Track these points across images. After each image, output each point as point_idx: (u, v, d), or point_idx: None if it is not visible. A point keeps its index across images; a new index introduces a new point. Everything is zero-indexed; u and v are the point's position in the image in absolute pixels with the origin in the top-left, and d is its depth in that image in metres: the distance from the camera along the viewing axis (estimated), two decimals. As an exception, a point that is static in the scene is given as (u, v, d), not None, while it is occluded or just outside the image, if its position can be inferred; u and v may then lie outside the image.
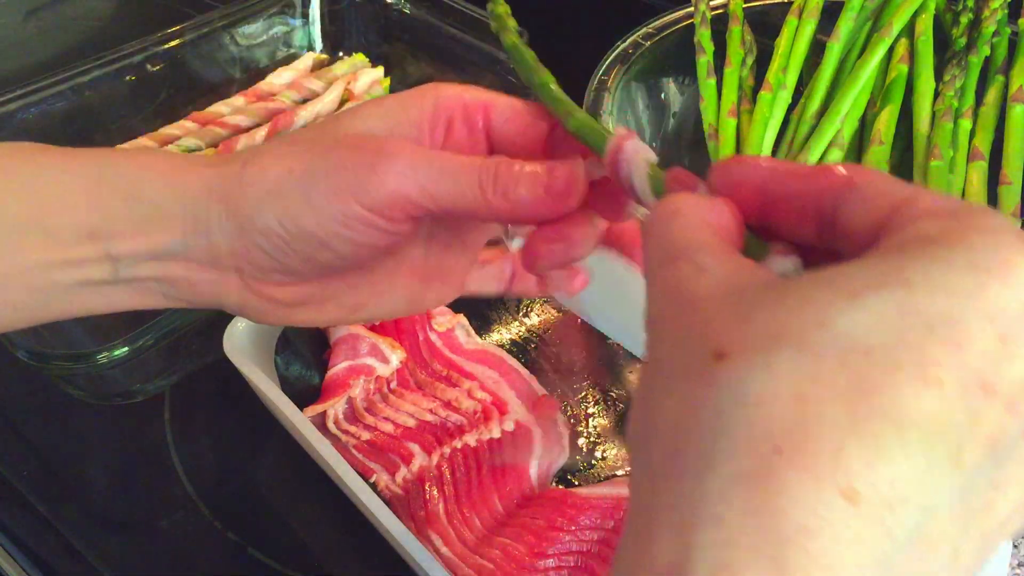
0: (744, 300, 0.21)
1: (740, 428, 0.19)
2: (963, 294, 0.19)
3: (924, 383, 0.19)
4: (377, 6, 0.87)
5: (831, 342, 0.19)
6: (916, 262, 0.20)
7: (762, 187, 0.26)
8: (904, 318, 0.19)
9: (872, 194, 0.23)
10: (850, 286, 0.20)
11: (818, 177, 0.24)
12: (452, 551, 0.50)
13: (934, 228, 0.21)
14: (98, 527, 0.57)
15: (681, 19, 0.73)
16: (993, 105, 0.65)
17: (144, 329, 0.55)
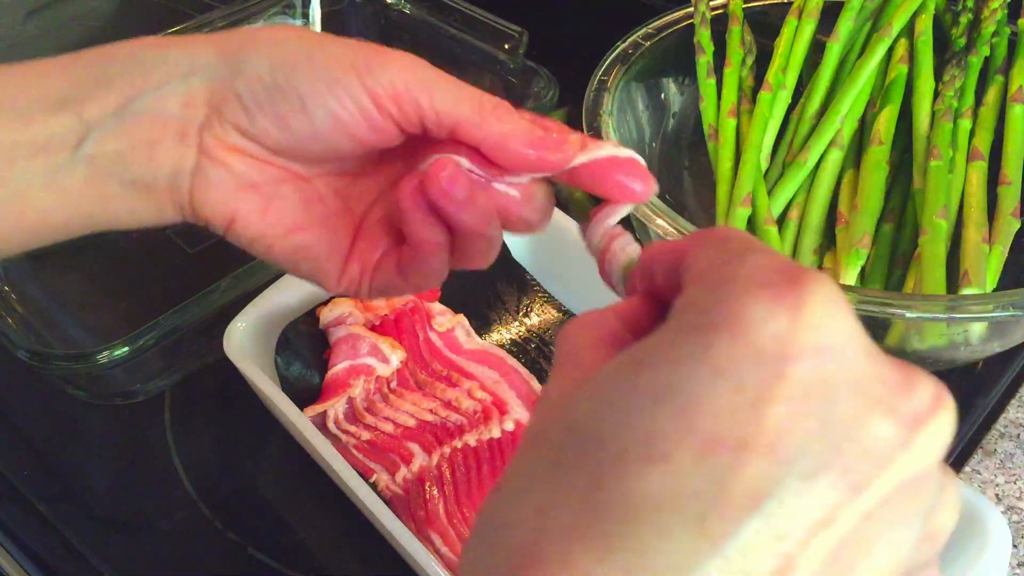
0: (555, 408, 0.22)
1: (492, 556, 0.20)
2: (687, 358, 0.19)
3: (649, 461, 0.18)
4: (377, 6, 0.88)
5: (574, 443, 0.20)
6: (651, 340, 0.20)
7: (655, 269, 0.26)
8: (631, 399, 0.19)
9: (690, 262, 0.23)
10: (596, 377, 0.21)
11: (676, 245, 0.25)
12: (452, 551, 0.50)
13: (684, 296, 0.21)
14: (98, 527, 0.57)
15: (681, 19, 0.73)
16: (993, 105, 0.65)
17: (144, 329, 0.55)
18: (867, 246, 0.59)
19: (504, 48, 0.79)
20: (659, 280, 0.25)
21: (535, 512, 0.19)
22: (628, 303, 0.26)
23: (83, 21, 1.00)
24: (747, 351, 0.18)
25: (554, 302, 0.66)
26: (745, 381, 0.18)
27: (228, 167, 0.33)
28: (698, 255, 0.22)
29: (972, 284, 0.55)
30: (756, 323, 0.19)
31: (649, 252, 0.27)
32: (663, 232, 0.55)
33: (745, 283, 0.19)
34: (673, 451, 0.18)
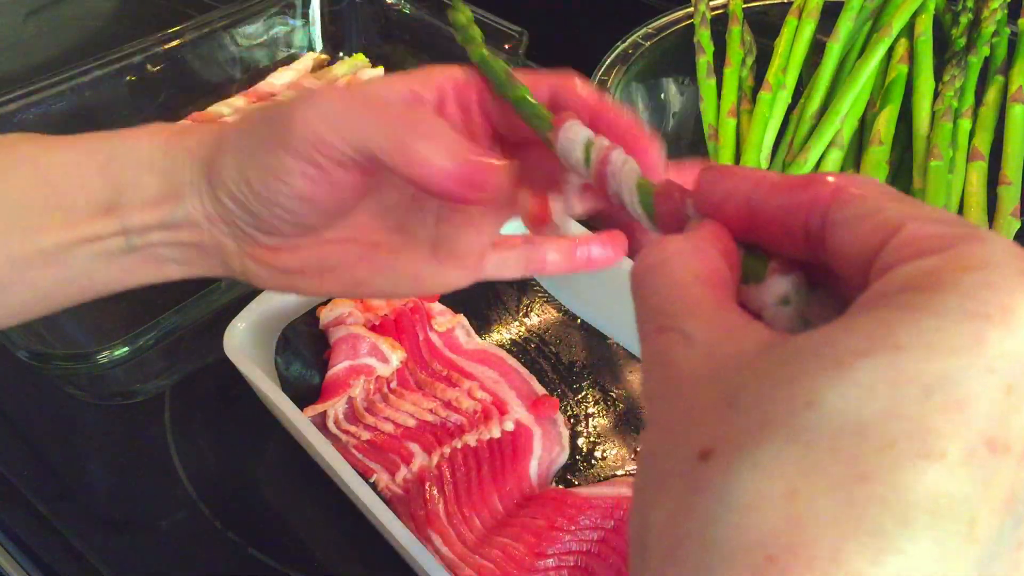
0: (730, 379, 0.20)
1: (731, 538, 0.18)
2: (960, 349, 0.18)
3: (925, 458, 0.17)
4: (377, 6, 0.87)
5: (822, 424, 0.18)
6: (905, 320, 0.18)
7: (748, 201, 0.24)
8: (897, 387, 0.18)
9: (858, 216, 0.21)
10: (837, 355, 0.18)
11: (802, 191, 0.23)
12: (452, 551, 0.50)
13: (923, 270, 0.19)
14: (98, 527, 0.57)
15: (681, 19, 0.73)
16: (993, 105, 0.66)
17: (144, 329, 0.55)
18: (867, 246, 0.59)
19: (504, 48, 0.79)
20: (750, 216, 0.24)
21: (785, 497, 0.17)
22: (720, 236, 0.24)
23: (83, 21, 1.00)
24: (1021, 349, 0.18)
25: (554, 302, 0.66)
26: (1014, 382, 0.18)
27: (269, 264, 0.36)
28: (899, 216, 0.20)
29: (972, 284, 0.55)
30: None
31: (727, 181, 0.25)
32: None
33: (1013, 271, 0.18)
34: (949, 448, 0.17)
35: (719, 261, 0.23)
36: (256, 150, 0.33)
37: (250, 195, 0.33)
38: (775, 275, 0.24)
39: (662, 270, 0.23)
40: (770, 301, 0.24)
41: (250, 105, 0.37)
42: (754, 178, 0.24)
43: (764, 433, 0.18)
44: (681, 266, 0.23)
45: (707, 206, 0.25)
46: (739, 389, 0.19)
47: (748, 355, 0.20)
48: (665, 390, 0.21)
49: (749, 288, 0.24)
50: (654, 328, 0.22)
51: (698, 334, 0.21)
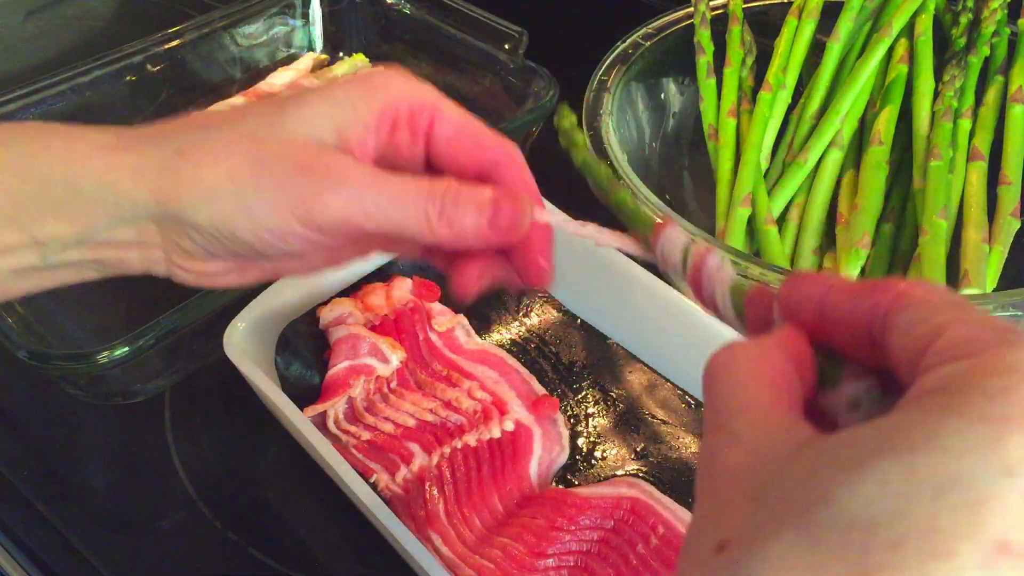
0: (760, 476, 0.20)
1: None
2: (975, 451, 0.18)
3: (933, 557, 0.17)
4: (377, 6, 0.88)
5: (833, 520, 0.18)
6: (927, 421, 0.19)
7: (820, 306, 0.25)
8: (909, 485, 0.18)
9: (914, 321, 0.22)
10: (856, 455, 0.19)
11: (867, 296, 0.23)
12: (452, 551, 0.50)
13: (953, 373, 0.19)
14: (98, 527, 0.57)
15: (681, 19, 0.73)
16: (993, 105, 0.66)
17: (144, 329, 0.55)
18: (867, 246, 0.59)
19: (504, 48, 0.79)
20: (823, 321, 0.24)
21: None
22: (791, 340, 0.25)
23: (83, 21, 1.00)
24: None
25: (554, 302, 0.66)
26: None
27: (199, 272, 0.35)
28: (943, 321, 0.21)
29: (972, 284, 0.55)
30: None
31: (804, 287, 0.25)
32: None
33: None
34: (959, 549, 0.17)
35: (785, 365, 0.24)
36: (257, 210, 0.32)
37: (231, 242, 0.32)
38: (848, 380, 0.24)
39: (727, 371, 0.24)
40: (842, 405, 0.24)
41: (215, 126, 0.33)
42: (828, 283, 0.25)
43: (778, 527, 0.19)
44: (745, 368, 0.24)
45: (787, 311, 0.26)
46: (764, 485, 0.20)
47: (783, 454, 0.21)
48: (706, 485, 0.22)
49: (826, 392, 0.25)
50: (710, 427, 0.23)
51: (744, 434, 0.22)
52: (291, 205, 0.31)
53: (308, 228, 0.32)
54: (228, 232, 0.32)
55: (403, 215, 0.32)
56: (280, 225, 0.32)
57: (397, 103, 0.34)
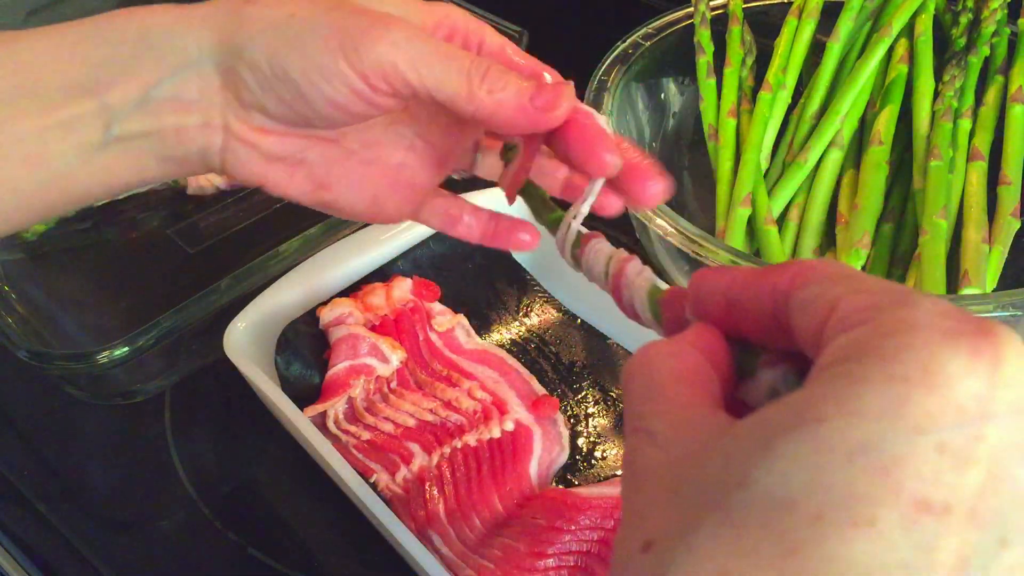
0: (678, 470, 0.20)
1: None
2: (882, 413, 0.18)
3: (853, 526, 0.17)
4: None
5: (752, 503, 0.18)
6: (829, 391, 0.18)
7: (726, 297, 0.25)
8: (821, 456, 0.18)
9: (810, 299, 0.21)
10: (767, 434, 0.19)
11: (764, 279, 0.23)
12: (452, 551, 0.50)
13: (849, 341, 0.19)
14: (98, 527, 0.57)
15: (681, 19, 0.73)
16: (993, 105, 0.66)
17: (144, 329, 0.55)
18: (867, 246, 0.59)
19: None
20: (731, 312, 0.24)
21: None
22: (703, 335, 0.25)
23: (83, 21, 1.00)
24: (947, 407, 0.17)
25: (554, 302, 0.66)
26: (946, 440, 0.17)
27: (254, 145, 0.35)
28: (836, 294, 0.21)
29: (972, 284, 0.55)
30: (955, 378, 0.18)
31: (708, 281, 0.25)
32: (663, 232, 0.55)
33: (934, 331, 0.18)
34: (879, 514, 0.17)
35: (698, 360, 0.24)
36: (310, 44, 0.32)
37: (280, 81, 0.33)
38: (764, 368, 0.24)
39: (642, 372, 0.24)
40: (760, 394, 0.24)
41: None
42: (730, 273, 0.25)
43: (699, 518, 0.18)
44: (659, 367, 0.23)
45: (699, 308, 0.26)
46: (683, 478, 0.20)
47: (699, 446, 0.21)
48: (628, 487, 0.22)
49: (745, 383, 0.25)
50: (630, 429, 0.23)
51: (661, 432, 0.22)
52: (340, 42, 0.32)
53: (355, 71, 0.32)
54: (281, 69, 0.33)
55: (446, 71, 0.32)
56: (329, 63, 0.32)
57: (455, 19, 0.37)
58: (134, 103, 0.34)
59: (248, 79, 0.33)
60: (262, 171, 0.36)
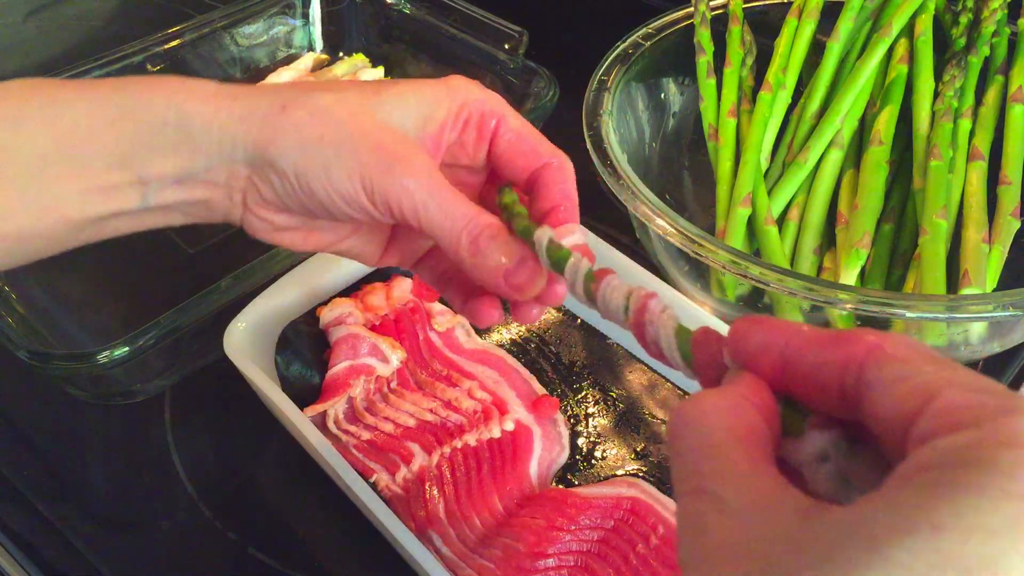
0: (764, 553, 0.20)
1: None
2: (1000, 531, 0.17)
3: None
4: (377, 6, 0.87)
5: None
6: (944, 498, 0.18)
7: (782, 355, 0.24)
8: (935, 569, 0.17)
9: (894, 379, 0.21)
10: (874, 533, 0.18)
11: (835, 348, 0.23)
12: (452, 551, 0.50)
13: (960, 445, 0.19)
14: (98, 527, 0.57)
15: (681, 19, 0.73)
16: (993, 105, 0.65)
17: (144, 329, 0.55)
18: (867, 246, 0.59)
19: (504, 48, 0.79)
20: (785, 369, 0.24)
21: None
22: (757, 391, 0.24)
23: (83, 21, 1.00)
24: None
25: (554, 302, 0.66)
26: None
27: (270, 221, 0.39)
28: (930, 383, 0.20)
29: (972, 284, 0.55)
30: None
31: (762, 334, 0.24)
32: (663, 232, 0.55)
33: None
34: None
35: (756, 418, 0.23)
36: (335, 172, 0.35)
37: (303, 192, 0.36)
38: (814, 431, 0.23)
39: (698, 427, 0.23)
40: (809, 458, 0.24)
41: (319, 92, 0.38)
42: (788, 331, 0.24)
43: None
44: (717, 423, 0.23)
45: (742, 357, 0.25)
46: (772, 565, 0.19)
47: (783, 527, 0.20)
48: (698, 558, 0.21)
49: (788, 442, 0.24)
50: (688, 488, 0.22)
51: (732, 500, 0.21)
52: (361, 175, 0.35)
53: (369, 200, 0.36)
54: (305, 184, 0.36)
55: (442, 226, 0.36)
56: (348, 188, 0.36)
57: (471, 106, 0.39)
58: (170, 180, 0.37)
59: (275, 182, 0.37)
60: (278, 238, 0.40)
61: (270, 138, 0.36)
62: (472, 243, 0.36)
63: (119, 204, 0.37)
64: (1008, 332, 0.57)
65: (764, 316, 0.25)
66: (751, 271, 0.53)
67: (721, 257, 0.54)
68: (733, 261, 0.53)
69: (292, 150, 0.36)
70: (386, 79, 0.38)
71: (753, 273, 0.53)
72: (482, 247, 0.36)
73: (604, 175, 0.59)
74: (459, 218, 0.36)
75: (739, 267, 0.53)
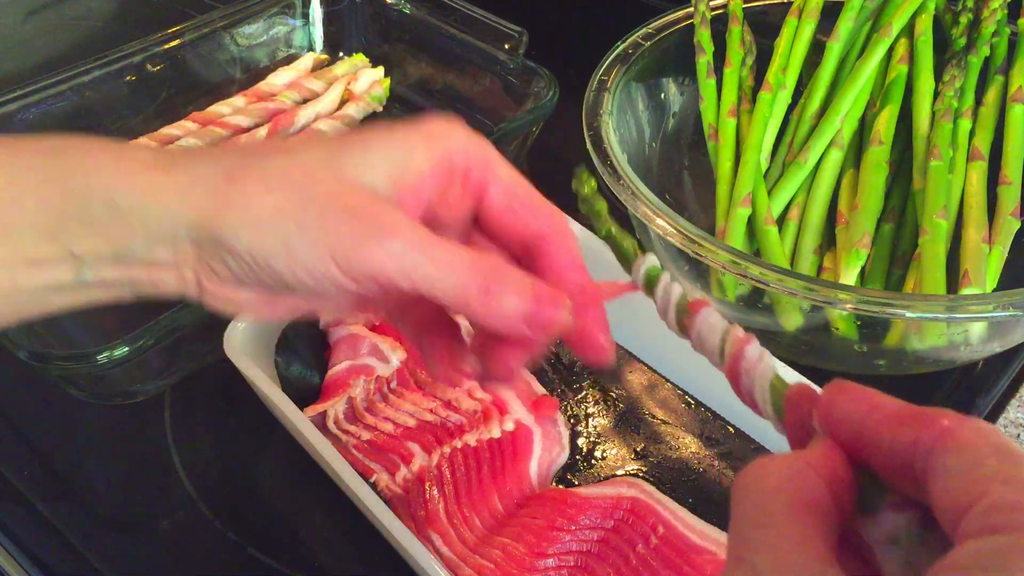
0: None
1: None
2: None
3: None
4: (377, 6, 0.88)
5: None
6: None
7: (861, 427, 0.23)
8: None
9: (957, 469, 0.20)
10: None
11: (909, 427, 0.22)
12: (452, 551, 0.50)
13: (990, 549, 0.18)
14: (98, 527, 0.57)
15: (681, 19, 0.73)
16: (993, 105, 0.65)
17: (144, 329, 0.55)
18: (867, 246, 0.59)
19: (504, 48, 0.79)
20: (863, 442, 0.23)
21: None
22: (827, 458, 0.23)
23: (83, 21, 1.00)
24: None
25: (554, 302, 0.66)
26: None
27: (229, 299, 0.34)
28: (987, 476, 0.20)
29: (972, 284, 0.55)
30: None
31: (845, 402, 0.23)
32: (663, 232, 0.55)
33: None
34: None
35: (821, 490, 0.22)
36: (297, 248, 0.31)
37: (262, 270, 0.32)
38: (888, 511, 0.23)
39: (757, 490, 0.22)
40: (880, 538, 0.23)
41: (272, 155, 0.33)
42: (871, 403, 0.23)
43: None
44: (776, 490, 0.22)
45: (827, 424, 0.24)
46: None
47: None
48: None
49: (866, 517, 0.23)
50: (733, 555, 0.22)
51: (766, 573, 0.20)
52: (332, 249, 0.30)
53: (344, 274, 0.31)
54: (264, 263, 0.31)
55: (444, 284, 0.31)
56: (317, 266, 0.31)
57: (454, 155, 0.34)
58: (106, 257, 0.32)
59: (228, 262, 0.32)
60: (237, 311, 0.35)
61: (216, 214, 0.31)
62: (484, 293, 0.31)
63: (52, 277, 0.32)
64: (1008, 332, 0.57)
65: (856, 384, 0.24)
66: (751, 271, 0.53)
67: (721, 257, 0.54)
68: (733, 261, 0.53)
69: (244, 228, 0.31)
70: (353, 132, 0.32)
71: (753, 273, 0.53)
72: (494, 292, 0.31)
73: (604, 175, 0.59)
74: (462, 269, 0.31)
75: (739, 267, 0.53)
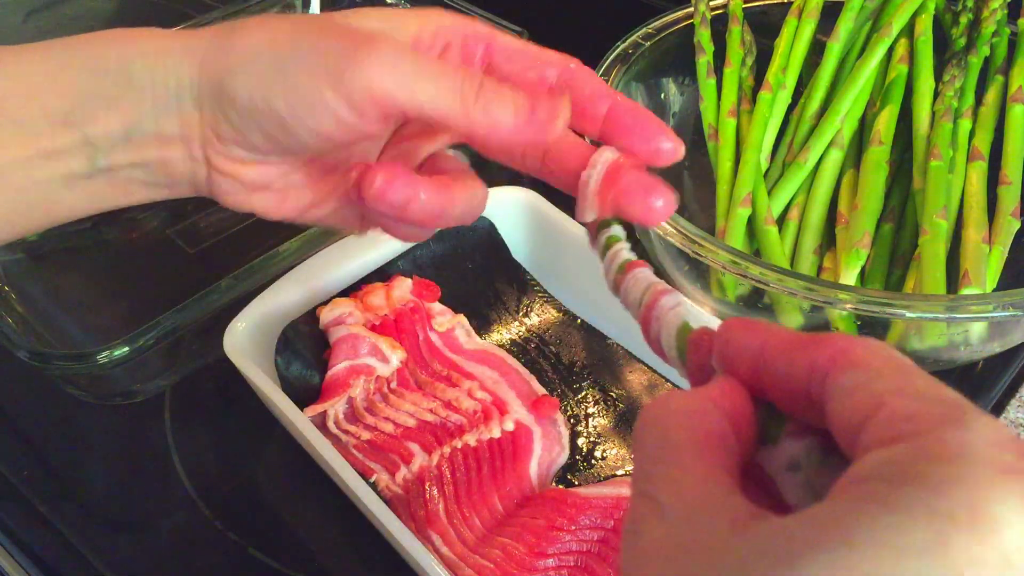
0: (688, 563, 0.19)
1: None
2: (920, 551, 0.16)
3: None
4: (376, 6, 0.87)
5: None
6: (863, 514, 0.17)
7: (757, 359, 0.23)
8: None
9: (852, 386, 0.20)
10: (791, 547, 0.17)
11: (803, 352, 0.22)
12: (452, 551, 0.50)
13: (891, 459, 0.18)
14: (98, 527, 0.57)
15: (681, 19, 0.73)
16: (993, 105, 0.66)
17: (144, 329, 0.55)
18: (867, 246, 0.59)
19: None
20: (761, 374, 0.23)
21: None
22: (728, 393, 0.23)
23: (83, 21, 1.00)
24: (991, 556, 0.16)
25: (554, 302, 0.66)
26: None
27: (238, 177, 0.35)
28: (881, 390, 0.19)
29: (972, 284, 0.55)
30: (1004, 524, 0.16)
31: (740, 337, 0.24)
32: (663, 232, 0.55)
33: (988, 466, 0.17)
34: None
35: (720, 423, 0.22)
36: (292, 74, 0.31)
37: (262, 115, 0.32)
38: (788, 439, 0.23)
39: (659, 427, 0.22)
40: (780, 466, 0.23)
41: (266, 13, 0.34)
42: (765, 334, 0.23)
43: None
44: (677, 426, 0.22)
45: (725, 360, 0.24)
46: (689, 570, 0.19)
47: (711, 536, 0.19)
48: (629, 563, 0.20)
49: (766, 449, 0.23)
50: (637, 491, 0.22)
51: (670, 505, 0.20)
52: (325, 68, 0.30)
53: (340, 96, 0.30)
54: (265, 105, 0.31)
55: (438, 91, 0.31)
56: (313, 93, 0.31)
57: (449, 29, 0.34)
58: (117, 137, 0.33)
59: (230, 114, 0.32)
60: (248, 201, 0.36)
61: (217, 60, 0.32)
62: (479, 96, 0.31)
63: (67, 167, 0.33)
64: (1008, 332, 0.57)
65: (751, 319, 0.24)
66: (751, 271, 0.53)
67: (721, 257, 0.54)
68: (733, 261, 0.53)
69: (242, 67, 0.31)
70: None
71: (753, 273, 0.53)
72: (490, 93, 0.31)
73: (604, 175, 0.59)
74: (453, 76, 0.31)
75: (739, 267, 0.53)
